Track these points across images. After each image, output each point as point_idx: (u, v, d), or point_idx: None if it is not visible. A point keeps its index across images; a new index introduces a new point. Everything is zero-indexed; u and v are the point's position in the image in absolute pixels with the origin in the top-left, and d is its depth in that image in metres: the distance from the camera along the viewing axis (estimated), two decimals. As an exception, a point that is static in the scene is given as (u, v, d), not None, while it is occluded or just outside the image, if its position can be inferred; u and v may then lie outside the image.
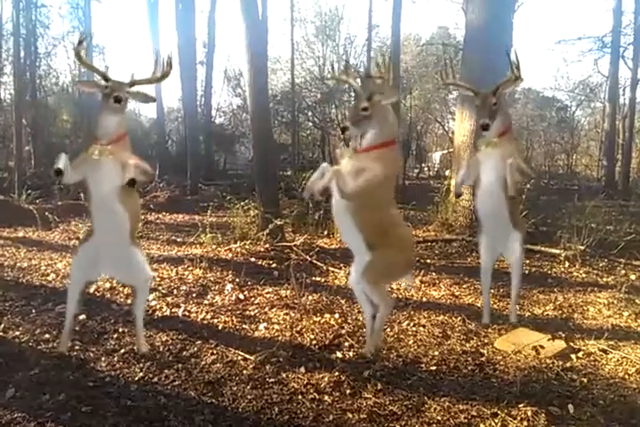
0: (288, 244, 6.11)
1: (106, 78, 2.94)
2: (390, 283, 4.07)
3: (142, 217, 9.35)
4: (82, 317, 3.73)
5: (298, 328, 3.68)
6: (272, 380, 2.88)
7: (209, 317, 3.91)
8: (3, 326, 3.58)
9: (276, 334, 3.60)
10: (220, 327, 3.71)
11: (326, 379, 2.88)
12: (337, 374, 2.94)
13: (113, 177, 2.85)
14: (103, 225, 2.97)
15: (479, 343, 3.48)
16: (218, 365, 3.07)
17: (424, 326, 3.79)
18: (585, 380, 2.95)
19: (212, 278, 4.90)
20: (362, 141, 3.03)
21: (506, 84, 3.57)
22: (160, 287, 4.55)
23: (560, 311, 4.23)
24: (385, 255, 3.02)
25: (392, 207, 3.21)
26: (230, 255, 5.85)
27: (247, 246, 6.07)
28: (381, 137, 2.99)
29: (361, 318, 3.87)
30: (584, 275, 5.44)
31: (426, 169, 24.25)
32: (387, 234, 3.04)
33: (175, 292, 4.47)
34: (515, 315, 3.57)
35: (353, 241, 3.14)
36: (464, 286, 4.89)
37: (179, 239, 7.07)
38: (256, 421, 2.48)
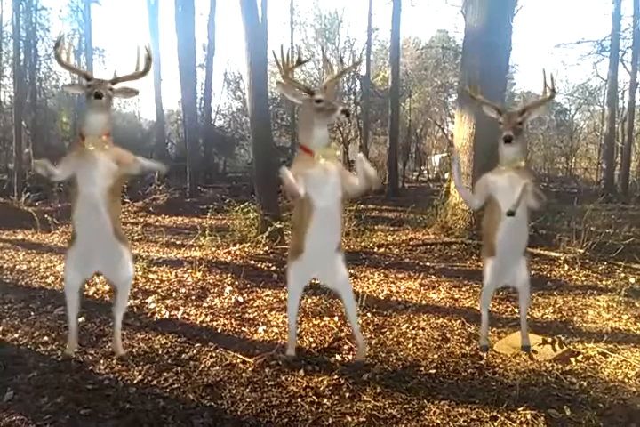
0: (287, 246, 6.10)
1: (88, 78, 2.88)
2: None
3: (142, 219, 9.39)
4: (81, 319, 3.71)
5: (297, 331, 3.67)
6: (271, 383, 2.87)
7: (208, 319, 3.91)
8: (1, 328, 3.58)
9: (276, 336, 3.60)
10: (219, 330, 3.70)
11: (325, 382, 2.88)
12: (336, 377, 2.93)
13: (105, 174, 2.79)
14: (87, 224, 2.87)
15: (478, 346, 3.48)
16: (217, 368, 3.07)
17: (423, 329, 3.79)
18: (584, 383, 2.95)
19: (211, 281, 4.90)
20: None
21: (535, 106, 3.12)
22: (159, 290, 4.55)
23: (559, 314, 4.23)
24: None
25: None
26: (229, 258, 5.85)
27: (246, 249, 6.08)
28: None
29: (360, 321, 3.87)
30: (583, 278, 5.44)
31: (425, 172, 24.28)
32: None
33: (174, 294, 4.47)
34: (527, 339, 3.43)
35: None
36: (463, 289, 4.88)
37: (178, 242, 7.07)
38: (255, 424, 2.48)
